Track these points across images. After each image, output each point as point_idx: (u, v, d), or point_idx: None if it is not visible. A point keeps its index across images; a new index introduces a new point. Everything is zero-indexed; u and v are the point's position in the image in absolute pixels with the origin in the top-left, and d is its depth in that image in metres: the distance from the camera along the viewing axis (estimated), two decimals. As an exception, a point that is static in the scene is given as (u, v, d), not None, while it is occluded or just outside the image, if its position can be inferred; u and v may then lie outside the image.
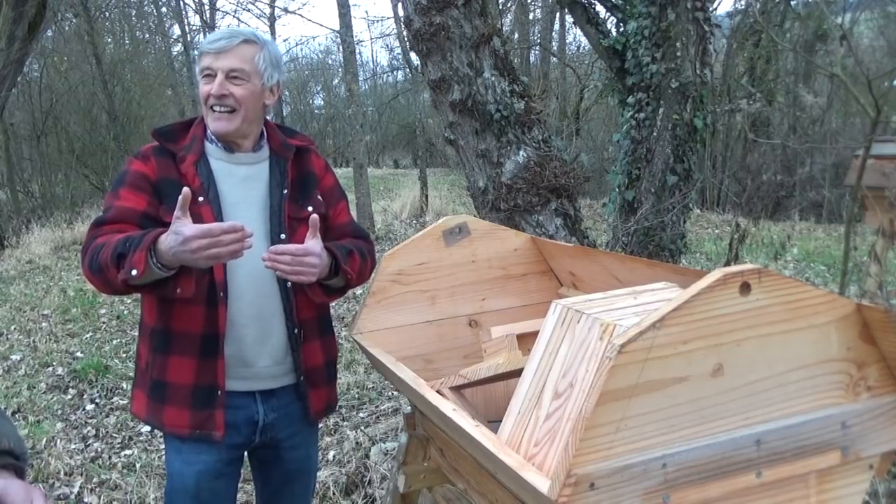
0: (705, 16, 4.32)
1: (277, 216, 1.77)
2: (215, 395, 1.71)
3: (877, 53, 13.38)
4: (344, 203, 1.94)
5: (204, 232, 1.47)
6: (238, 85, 1.71)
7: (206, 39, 1.76)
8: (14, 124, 13.50)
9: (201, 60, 1.73)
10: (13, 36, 8.88)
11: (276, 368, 1.79)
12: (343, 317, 5.95)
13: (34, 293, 7.27)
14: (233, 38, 1.72)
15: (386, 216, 11.27)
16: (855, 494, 1.22)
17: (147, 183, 1.70)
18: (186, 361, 1.70)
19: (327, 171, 1.94)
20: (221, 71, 1.70)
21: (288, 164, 1.83)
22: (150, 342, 1.75)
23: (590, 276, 2.00)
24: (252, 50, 1.73)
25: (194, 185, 1.69)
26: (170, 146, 1.75)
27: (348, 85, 10.68)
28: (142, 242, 1.51)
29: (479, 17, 3.50)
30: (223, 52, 1.70)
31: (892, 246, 2.82)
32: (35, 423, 4.10)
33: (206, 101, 1.73)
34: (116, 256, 1.51)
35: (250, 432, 1.80)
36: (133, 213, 1.66)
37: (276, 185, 1.80)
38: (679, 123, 4.30)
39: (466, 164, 3.67)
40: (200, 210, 1.68)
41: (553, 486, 1.02)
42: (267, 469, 1.93)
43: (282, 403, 1.82)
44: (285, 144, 1.84)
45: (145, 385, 1.77)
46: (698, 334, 1.04)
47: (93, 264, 1.57)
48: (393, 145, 26.59)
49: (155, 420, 1.76)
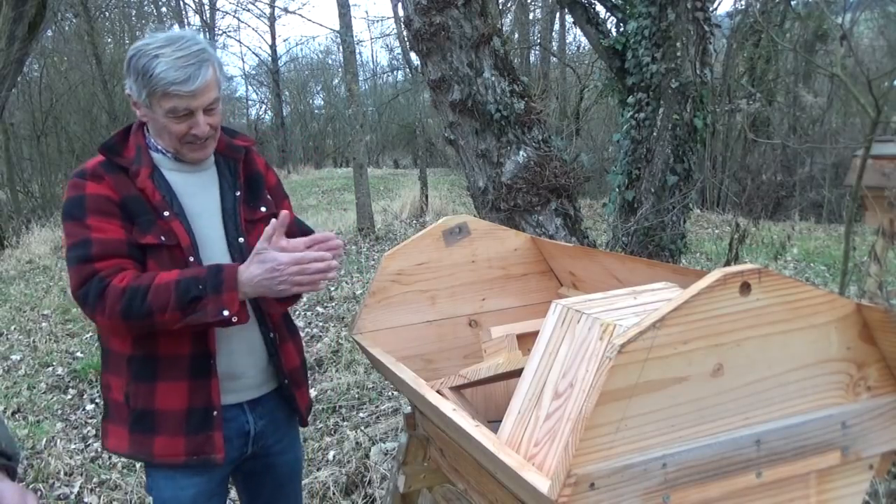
0: (705, 16, 4.32)
1: (233, 219, 1.70)
2: (211, 416, 1.63)
3: (877, 53, 13.38)
4: (288, 202, 1.88)
5: (296, 259, 1.49)
6: (214, 113, 1.62)
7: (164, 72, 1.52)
8: (14, 124, 13.50)
9: (167, 100, 1.55)
10: (13, 36, 8.88)
11: (260, 376, 1.76)
12: (343, 317, 5.95)
13: (34, 293, 7.28)
14: (202, 70, 1.55)
15: (386, 216, 11.27)
16: (855, 494, 1.22)
17: (113, 205, 1.57)
18: (177, 386, 1.61)
19: (269, 169, 1.88)
20: (200, 110, 1.58)
21: (239, 166, 1.76)
22: (128, 372, 1.62)
23: (590, 276, 2.00)
24: (214, 72, 1.60)
25: (155, 199, 1.60)
26: (118, 160, 1.63)
27: (348, 85, 10.68)
28: (224, 281, 1.48)
29: (479, 17, 3.50)
30: (199, 92, 1.56)
31: (892, 246, 2.82)
32: (35, 423, 4.10)
33: (180, 139, 1.61)
34: (187, 301, 1.46)
35: (242, 444, 1.75)
36: (121, 246, 1.55)
37: (227, 187, 1.72)
38: (679, 123, 4.30)
39: (466, 164, 3.67)
40: (171, 225, 1.59)
41: (553, 486, 1.02)
42: (256, 480, 1.87)
43: (267, 410, 1.78)
44: (232, 146, 1.76)
45: (123, 419, 1.65)
46: (698, 334, 1.04)
47: (132, 309, 1.47)
48: (393, 145, 26.59)
49: (142, 453, 1.65)
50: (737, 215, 5.69)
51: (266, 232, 1.51)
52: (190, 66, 1.54)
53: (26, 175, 14.28)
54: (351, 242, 9.49)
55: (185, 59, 1.54)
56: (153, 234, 1.58)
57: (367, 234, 9.80)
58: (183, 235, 1.60)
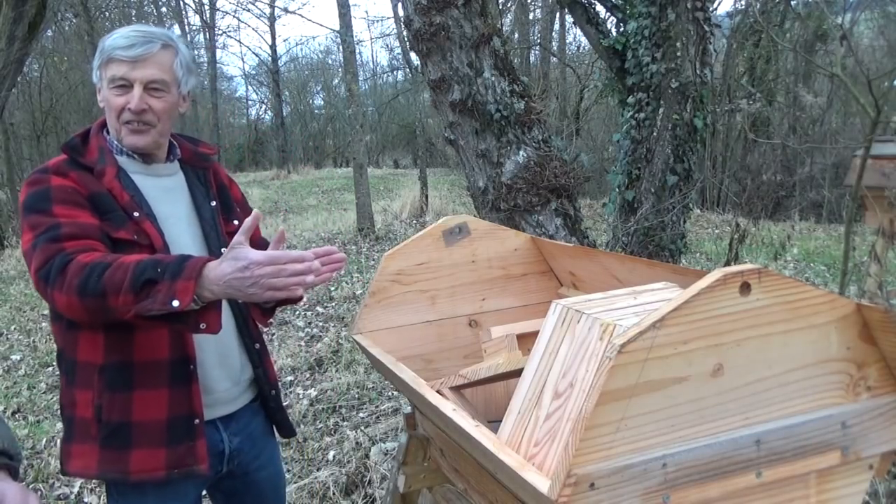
0: (705, 16, 4.32)
1: (215, 230, 1.64)
2: (193, 425, 1.54)
3: (877, 53, 13.39)
4: None
5: (271, 259, 1.29)
6: (157, 97, 1.55)
7: (113, 40, 1.52)
8: (14, 124, 13.50)
9: (110, 67, 1.52)
10: (13, 36, 8.88)
11: (234, 390, 1.68)
12: (343, 317, 5.95)
13: (34, 293, 7.27)
14: (150, 45, 1.52)
15: (386, 216, 11.27)
16: (855, 494, 1.22)
17: (81, 197, 1.50)
18: (156, 394, 1.51)
19: (232, 182, 1.81)
20: (139, 83, 1.52)
21: (209, 175, 1.71)
22: (100, 382, 1.50)
23: (590, 276, 2.00)
24: (169, 56, 1.56)
25: (123, 199, 1.53)
26: (81, 160, 1.56)
27: (348, 85, 10.68)
28: (184, 269, 1.30)
29: (479, 17, 3.50)
30: (140, 61, 1.51)
31: (892, 246, 2.82)
32: (35, 423, 4.10)
33: (118, 114, 1.54)
34: (141, 282, 1.30)
35: (217, 463, 1.65)
36: (94, 229, 1.46)
37: (202, 197, 1.66)
38: (679, 123, 4.30)
39: (466, 164, 3.67)
40: (142, 225, 1.52)
41: (553, 486, 1.02)
42: (238, 500, 1.79)
43: (241, 426, 1.70)
44: (199, 154, 1.71)
45: (91, 436, 1.51)
46: (698, 334, 1.04)
47: (87, 285, 1.33)
48: (393, 145, 26.59)
49: (114, 471, 1.51)
50: (737, 215, 5.69)
51: (245, 224, 1.35)
52: (138, 37, 1.52)
53: (26, 175, 14.26)
54: (351, 242, 9.49)
55: (137, 33, 1.54)
56: (126, 231, 1.50)
57: (367, 234, 9.80)
58: (155, 237, 1.52)
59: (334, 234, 10.13)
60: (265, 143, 25.46)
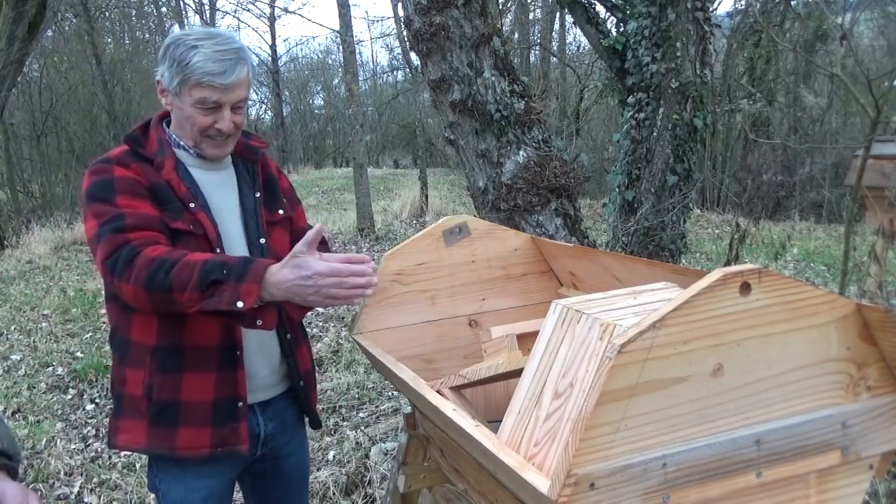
0: (705, 16, 4.32)
1: (255, 220, 1.71)
2: (237, 407, 1.64)
3: (877, 53, 13.38)
4: (301, 206, 1.90)
5: (334, 270, 1.40)
6: (240, 113, 1.64)
7: (202, 63, 1.54)
8: (14, 124, 13.50)
9: (199, 90, 1.56)
10: (13, 36, 8.89)
11: (272, 377, 1.76)
12: (343, 317, 5.95)
13: (34, 293, 7.27)
14: (238, 67, 1.57)
15: (386, 216, 11.28)
16: (855, 494, 1.22)
17: (142, 188, 1.58)
18: (204, 377, 1.60)
19: (281, 173, 1.88)
20: (229, 105, 1.60)
21: (257, 167, 1.77)
22: (152, 363, 1.59)
23: (590, 276, 2.00)
24: (247, 70, 1.61)
25: (181, 191, 1.61)
26: (142, 151, 1.64)
27: (348, 85, 10.68)
28: (249, 272, 1.40)
29: (479, 17, 3.50)
30: (232, 87, 1.58)
31: (892, 246, 2.82)
32: (35, 423, 4.10)
33: (202, 131, 1.62)
34: (208, 282, 1.39)
35: (252, 446, 1.73)
36: (155, 221, 1.54)
37: (247, 188, 1.73)
38: (679, 123, 4.30)
39: (466, 164, 3.67)
40: (197, 216, 1.60)
41: (553, 486, 1.02)
42: (265, 482, 1.87)
43: (277, 411, 1.79)
44: (249, 147, 1.77)
45: (141, 412, 1.62)
46: (698, 334, 1.04)
47: (155, 280, 1.42)
48: (393, 145, 26.59)
49: (162, 447, 1.62)
50: (737, 215, 5.68)
51: (308, 236, 1.43)
52: (227, 60, 1.56)
53: (26, 175, 14.28)
54: (351, 242, 9.49)
55: (223, 53, 1.56)
56: (182, 222, 1.57)
57: (367, 234, 9.80)
58: (209, 227, 1.60)
59: (334, 234, 10.13)
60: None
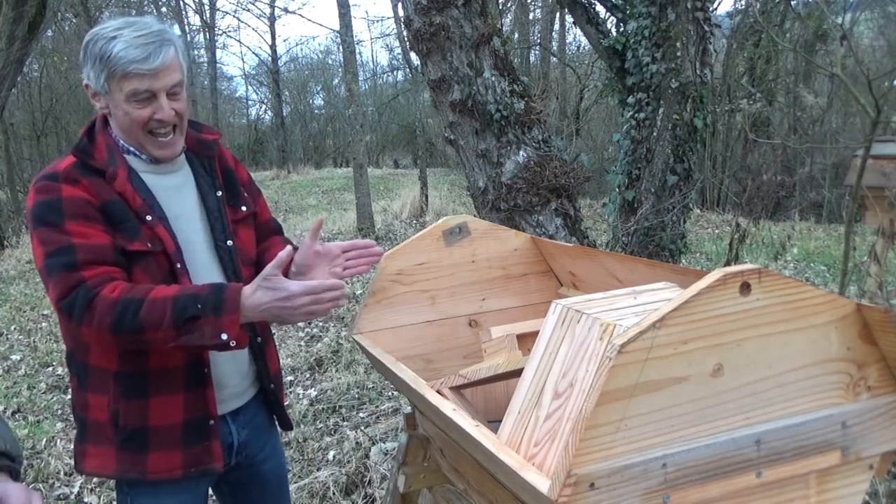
0: (705, 16, 4.32)
1: (220, 221, 1.62)
2: (208, 426, 1.58)
3: (877, 53, 13.39)
4: (262, 197, 1.81)
5: (308, 289, 1.40)
6: (178, 99, 1.51)
7: (123, 51, 1.43)
8: (14, 124, 13.51)
9: (127, 81, 1.45)
10: (13, 36, 8.89)
11: (242, 384, 1.70)
12: (343, 317, 5.95)
13: (34, 293, 7.27)
14: (164, 49, 1.46)
15: (386, 216, 11.27)
16: (855, 494, 1.22)
17: (93, 210, 1.46)
18: (172, 399, 1.53)
19: (238, 163, 1.76)
20: (163, 91, 1.48)
21: (214, 163, 1.67)
22: (115, 389, 1.51)
23: (590, 276, 2.00)
24: (174, 52, 1.50)
25: (136, 203, 1.50)
26: (92, 163, 1.51)
27: (348, 85, 10.68)
28: (225, 302, 1.38)
29: (479, 17, 3.50)
30: (161, 71, 1.46)
31: (892, 246, 2.82)
32: (35, 423, 4.10)
33: (143, 126, 1.50)
34: (184, 319, 1.36)
35: (226, 456, 1.67)
36: (108, 251, 1.44)
37: (207, 187, 1.63)
38: (679, 123, 4.30)
39: (466, 164, 3.67)
40: (155, 230, 1.50)
41: (553, 486, 1.02)
42: (244, 491, 1.81)
43: (247, 418, 1.73)
44: (203, 142, 1.66)
45: (107, 438, 1.54)
46: (698, 334, 1.04)
47: (122, 323, 1.36)
48: (393, 145, 26.57)
49: (132, 472, 1.55)
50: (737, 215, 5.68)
51: (279, 257, 1.42)
52: (150, 44, 1.45)
53: (26, 175, 14.28)
54: (351, 242, 9.46)
55: (143, 37, 1.45)
56: (140, 241, 1.48)
57: (367, 234, 9.80)
58: (168, 240, 1.51)
59: (334, 234, 10.13)
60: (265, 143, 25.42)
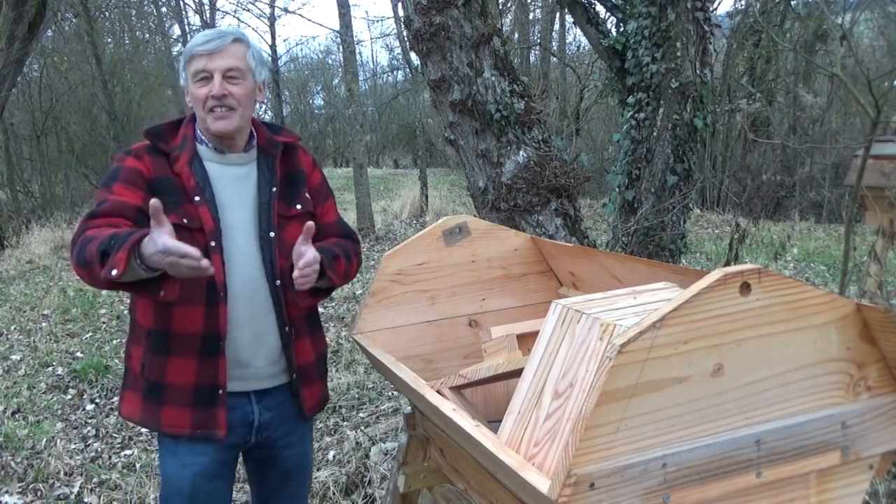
0: (705, 16, 4.32)
1: (266, 213, 1.77)
2: (216, 394, 1.72)
3: (877, 53, 13.38)
4: (331, 201, 1.95)
5: (169, 249, 1.45)
6: (235, 84, 1.71)
7: (192, 42, 1.73)
8: (14, 124, 13.50)
9: (192, 63, 1.71)
10: (13, 36, 8.88)
11: (271, 368, 1.80)
12: (343, 317, 5.95)
13: (34, 293, 7.27)
14: (223, 38, 1.71)
15: (386, 216, 11.27)
16: (855, 494, 1.22)
17: (142, 179, 1.69)
18: (187, 362, 1.70)
19: (315, 168, 1.94)
20: (218, 71, 1.70)
21: (276, 162, 1.83)
22: (147, 344, 1.73)
23: (590, 276, 2.00)
24: (242, 48, 1.74)
25: (189, 185, 1.70)
26: (162, 146, 1.74)
27: (348, 85, 10.68)
28: (125, 242, 1.48)
29: (479, 17, 3.50)
30: (217, 53, 1.70)
31: (892, 246, 2.81)
32: (35, 423, 4.10)
33: (203, 104, 1.71)
34: (101, 253, 1.49)
35: (245, 432, 1.80)
36: (128, 208, 1.64)
37: (264, 182, 1.80)
38: (679, 123, 4.30)
39: (466, 164, 3.67)
40: (198, 210, 1.69)
41: (553, 486, 1.02)
42: (263, 469, 1.93)
43: (276, 402, 1.83)
44: (272, 142, 1.84)
45: (139, 387, 1.76)
46: (698, 334, 1.04)
47: (80, 257, 1.54)
48: (393, 145, 26.56)
49: (150, 421, 1.75)
50: (737, 215, 5.68)
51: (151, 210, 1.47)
52: (213, 34, 1.72)
53: (26, 175, 14.26)
54: (351, 242, 9.45)
55: (212, 31, 1.74)
56: (175, 215, 1.63)
57: (367, 234, 9.80)
58: (208, 220, 1.68)
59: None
60: (265, 143, 25.35)
